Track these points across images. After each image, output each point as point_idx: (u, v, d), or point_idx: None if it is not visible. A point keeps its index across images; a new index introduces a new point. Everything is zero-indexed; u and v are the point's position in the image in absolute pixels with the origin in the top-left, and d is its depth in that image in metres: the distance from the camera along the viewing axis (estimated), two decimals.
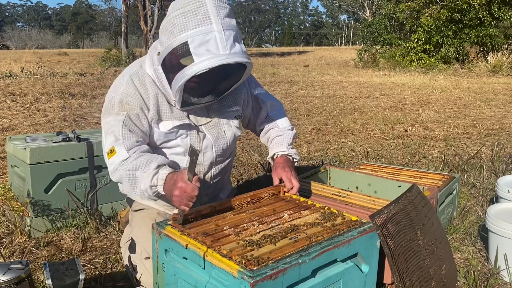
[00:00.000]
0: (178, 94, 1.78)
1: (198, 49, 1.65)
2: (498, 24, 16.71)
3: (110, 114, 1.85)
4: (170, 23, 1.72)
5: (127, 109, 1.84)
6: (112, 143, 1.79)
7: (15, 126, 5.88)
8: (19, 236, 2.51)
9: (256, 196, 1.95)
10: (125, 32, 20.72)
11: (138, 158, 1.76)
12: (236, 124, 2.10)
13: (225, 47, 1.66)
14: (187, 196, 1.57)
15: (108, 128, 1.83)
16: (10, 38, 64.58)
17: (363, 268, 1.63)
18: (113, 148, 1.78)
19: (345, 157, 4.54)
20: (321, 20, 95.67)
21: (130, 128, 1.82)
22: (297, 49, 42.61)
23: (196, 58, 1.65)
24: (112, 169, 1.79)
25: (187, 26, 1.67)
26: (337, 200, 2.17)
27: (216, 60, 1.64)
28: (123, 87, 1.87)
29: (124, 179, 1.77)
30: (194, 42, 1.66)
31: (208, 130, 2.02)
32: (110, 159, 1.80)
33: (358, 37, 31.92)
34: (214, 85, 1.91)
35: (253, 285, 1.25)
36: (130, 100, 1.85)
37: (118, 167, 1.77)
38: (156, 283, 1.69)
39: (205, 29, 1.66)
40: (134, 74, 1.90)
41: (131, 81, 1.88)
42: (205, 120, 2.01)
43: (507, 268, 2.18)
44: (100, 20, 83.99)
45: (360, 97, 9.36)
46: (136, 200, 2.12)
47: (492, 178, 3.67)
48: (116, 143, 1.79)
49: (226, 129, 2.06)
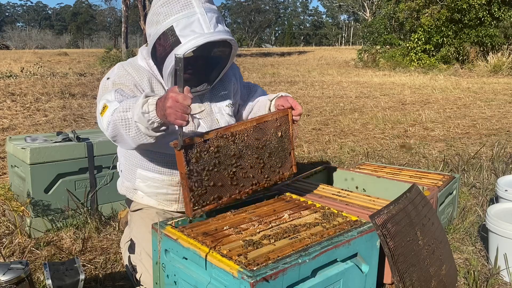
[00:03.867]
0: (169, 80, 1.83)
1: (184, 31, 1.74)
2: (498, 24, 16.71)
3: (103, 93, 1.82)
4: (155, 14, 1.82)
5: (121, 86, 1.85)
6: (105, 103, 1.73)
7: (15, 126, 5.88)
8: (19, 236, 2.51)
9: (262, 120, 1.88)
10: (125, 32, 20.72)
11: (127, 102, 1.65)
12: (228, 112, 2.12)
13: (209, 26, 1.76)
14: (180, 106, 1.48)
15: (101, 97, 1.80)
16: (10, 38, 64.58)
17: (363, 268, 1.63)
18: (105, 105, 1.72)
19: (345, 157, 4.54)
20: (321, 20, 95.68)
21: (122, 94, 1.77)
22: (297, 49, 42.60)
23: (182, 40, 1.74)
24: (106, 122, 1.70)
25: (171, 12, 1.77)
26: (337, 200, 2.17)
27: (202, 38, 1.73)
28: (115, 71, 1.92)
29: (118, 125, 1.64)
30: (179, 25, 1.75)
31: (202, 117, 2.04)
32: (103, 116, 1.72)
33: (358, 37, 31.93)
34: (204, 71, 1.95)
35: (253, 285, 1.25)
36: (123, 80, 1.88)
37: (110, 119, 1.67)
38: (156, 283, 1.69)
39: (188, 12, 1.76)
40: (126, 63, 1.96)
41: (122, 66, 1.93)
42: (199, 108, 2.04)
43: (507, 268, 2.18)
44: (100, 20, 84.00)
45: (360, 97, 9.36)
46: (135, 200, 2.12)
47: (492, 178, 3.67)
48: (108, 102, 1.72)
49: (219, 118, 2.08)
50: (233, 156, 1.76)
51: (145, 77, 1.92)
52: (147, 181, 2.03)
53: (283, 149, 1.96)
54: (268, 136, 1.89)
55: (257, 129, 1.85)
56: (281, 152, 1.95)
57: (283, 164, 1.97)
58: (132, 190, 2.10)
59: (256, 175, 1.86)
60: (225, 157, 1.74)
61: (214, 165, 1.70)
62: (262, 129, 1.87)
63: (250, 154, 1.83)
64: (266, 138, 1.89)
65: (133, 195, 2.10)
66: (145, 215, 2.04)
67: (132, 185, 2.09)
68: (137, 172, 2.05)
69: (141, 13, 21.21)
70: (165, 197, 2.05)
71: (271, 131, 1.91)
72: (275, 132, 1.92)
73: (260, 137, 1.87)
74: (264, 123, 1.88)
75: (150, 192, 2.05)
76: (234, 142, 1.77)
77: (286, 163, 1.99)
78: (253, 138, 1.84)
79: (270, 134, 1.90)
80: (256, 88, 2.33)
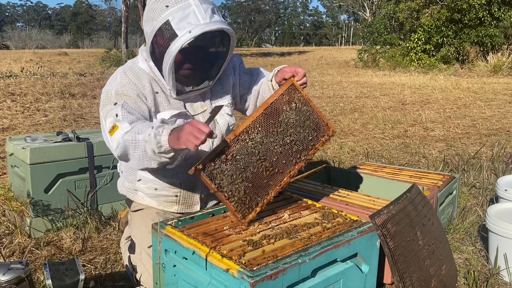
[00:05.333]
0: (170, 77, 1.81)
1: (180, 24, 1.73)
2: (498, 24, 16.71)
3: (107, 104, 1.84)
4: (150, 10, 1.81)
5: (124, 98, 1.84)
6: (113, 121, 1.76)
7: (15, 126, 5.88)
8: (19, 236, 2.51)
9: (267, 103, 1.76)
10: (125, 32, 20.73)
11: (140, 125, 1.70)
12: (228, 111, 2.10)
13: (205, 17, 1.75)
14: (197, 130, 1.48)
15: (107, 111, 1.80)
16: (10, 38, 64.55)
17: (363, 268, 1.63)
18: (115, 125, 1.74)
19: (345, 157, 4.54)
20: (321, 20, 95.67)
21: (129, 111, 1.80)
22: (297, 49, 42.61)
23: (179, 32, 1.73)
24: (116, 144, 1.72)
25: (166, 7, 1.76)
26: (337, 200, 2.17)
27: (198, 29, 1.72)
28: (118, 80, 1.90)
29: (128, 145, 1.69)
30: (175, 19, 1.74)
31: (204, 118, 2.03)
32: (113, 136, 1.73)
33: (358, 37, 31.92)
34: (204, 66, 1.94)
35: (253, 285, 1.25)
36: (126, 90, 1.86)
37: (120, 140, 1.70)
38: (156, 283, 1.69)
39: (183, 5, 1.75)
40: (127, 68, 1.94)
41: (124, 74, 1.91)
42: (201, 108, 2.02)
43: (507, 268, 2.18)
44: (100, 20, 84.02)
45: (360, 97, 9.36)
46: (135, 201, 2.12)
47: (492, 178, 3.67)
48: (117, 121, 1.75)
49: (219, 118, 2.07)
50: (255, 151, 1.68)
51: (145, 82, 1.90)
52: (148, 182, 2.03)
53: (307, 116, 1.83)
54: (283, 114, 1.78)
55: (267, 115, 1.75)
56: (307, 120, 1.83)
57: (316, 129, 1.84)
58: (133, 191, 2.10)
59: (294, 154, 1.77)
60: (247, 157, 1.66)
61: (240, 170, 1.64)
62: (272, 111, 1.76)
63: (273, 141, 1.73)
64: (282, 118, 1.77)
65: (133, 195, 2.10)
66: (146, 215, 2.04)
67: (133, 186, 2.09)
68: (137, 174, 2.05)
69: (141, 13, 21.19)
70: (165, 198, 2.05)
71: (284, 108, 1.79)
72: (288, 107, 1.80)
73: (274, 120, 1.76)
74: (271, 105, 1.77)
75: (151, 194, 2.05)
76: (250, 139, 1.68)
77: (320, 126, 1.85)
78: (268, 125, 1.74)
79: (284, 111, 1.79)
80: (258, 71, 2.25)
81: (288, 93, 1.81)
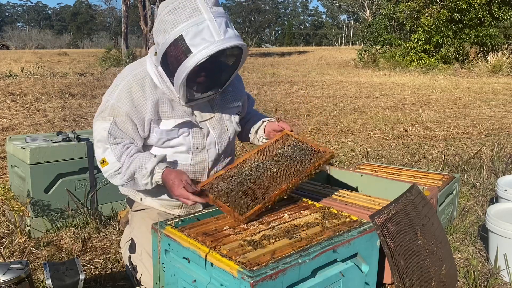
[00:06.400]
0: (181, 89, 1.81)
1: (194, 40, 1.71)
2: (498, 24, 16.72)
3: (99, 118, 1.92)
4: (162, 22, 1.78)
5: (115, 114, 1.89)
6: (102, 153, 1.89)
7: (15, 126, 5.88)
8: (19, 236, 2.51)
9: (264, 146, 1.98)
10: (125, 32, 20.72)
11: (131, 164, 1.86)
12: (237, 119, 2.12)
13: (219, 33, 1.72)
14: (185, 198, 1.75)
15: (96, 135, 1.92)
16: (10, 38, 64.51)
17: (363, 268, 1.63)
18: (104, 159, 1.89)
19: (345, 157, 4.54)
20: (321, 20, 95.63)
21: (116, 135, 1.89)
22: (297, 49, 42.59)
23: (193, 49, 1.70)
24: (108, 176, 1.92)
25: (179, 20, 1.73)
26: (337, 200, 2.17)
27: (213, 47, 1.69)
28: (118, 91, 1.90)
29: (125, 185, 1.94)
30: (189, 34, 1.71)
31: (212, 125, 2.03)
32: (104, 168, 1.91)
33: (358, 37, 31.91)
34: (215, 75, 1.93)
35: (253, 285, 1.25)
36: (120, 106, 1.88)
37: (113, 177, 1.91)
38: (156, 283, 1.69)
39: (196, 19, 1.72)
40: (133, 78, 1.91)
41: (127, 86, 1.89)
42: (209, 115, 2.02)
43: (507, 268, 2.18)
44: (100, 20, 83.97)
45: (360, 97, 9.36)
46: (137, 201, 2.12)
47: (492, 178, 3.67)
48: (105, 153, 1.88)
49: (228, 125, 2.08)
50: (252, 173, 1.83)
51: (149, 97, 1.89)
52: None
53: (302, 148, 1.95)
54: (277, 150, 1.95)
55: (262, 152, 1.93)
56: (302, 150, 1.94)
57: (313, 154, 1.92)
58: (135, 192, 2.10)
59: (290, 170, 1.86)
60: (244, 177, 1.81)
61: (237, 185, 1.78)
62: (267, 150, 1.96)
63: (268, 165, 1.87)
64: (277, 152, 1.94)
65: (135, 195, 2.10)
66: (147, 215, 2.04)
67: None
68: None
69: (141, 13, 21.20)
70: (168, 202, 2.05)
71: (279, 146, 1.96)
72: (283, 145, 1.97)
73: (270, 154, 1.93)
74: (267, 146, 1.97)
75: (154, 197, 2.05)
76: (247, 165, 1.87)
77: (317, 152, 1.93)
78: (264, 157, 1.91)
79: (278, 148, 1.95)
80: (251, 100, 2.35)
81: (282, 138, 2.00)
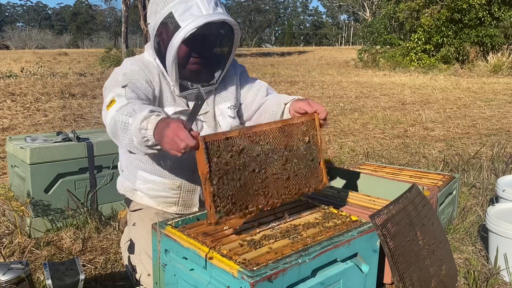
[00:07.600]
0: (173, 70, 1.81)
1: (183, 16, 1.75)
2: (498, 24, 16.72)
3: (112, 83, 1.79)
4: (154, 3, 1.83)
5: (131, 78, 1.80)
6: (113, 96, 1.68)
7: (15, 126, 5.88)
8: (19, 236, 2.51)
9: (287, 122, 1.69)
10: (125, 32, 20.73)
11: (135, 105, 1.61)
12: (230, 114, 2.08)
13: (208, 8, 1.76)
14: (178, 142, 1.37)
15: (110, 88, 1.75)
16: (10, 38, 64.52)
17: (363, 268, 1.63)
18: (113, 99, 1.67)
19: (345, 157, 4.54)
20: (321, 20, 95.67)
21: (133, 89, 1.73)
22: (297, 49, 42.60)
23: (181, 24, 1.74)
24: (110, 118, 1.62)
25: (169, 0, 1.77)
26: (337, 200, 2.17)
27: (201, 19, 1.72)
28: (128, 65, 1.90)
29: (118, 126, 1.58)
30: (178, 10, 1.75)
31: (206, 120, 2.03)
32: (109, 110, 1.64)
33: (358, 37, 31.90)
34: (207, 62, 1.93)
35: (253, 285, 1.25)
36: (134, 74, 1.84)
37: (113, 118, 1.60)
38: (156, 283, 1.69)
39: None
40: (136, 59, 1.96)
41: (134, 61, 1.92)
42: (203, 109, 2.02)
43: (507, 268, 2.18)
44: (100, 20, 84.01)
45: (360, 97, 9.36)
46: (134, 200, 2.12)
47: (492, 178, 3.67)
48: (118, 96, 1.67)
49: (220, 120, 2.06)
50: (258, 158, 1.59)
51: (155, 73, 1.91)
52: (147, 183, 2.03)
53: (312, 157, 1.76)
54: (295, 141, 1.70)
55: (283, 131, 1.67)
56: (310, 161, 1.75)
57: (312, 175, 1.77)
58: (132, 190, 2.10)
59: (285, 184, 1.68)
60: (250, 159, 1.56)
61: (238, 168, 1.53)
62: (287, 132, 1.69)
63: (276, 159, 1.64)
64: (293, 144, 1.70)
65: (132, 195, 2.10)
66: (145, 215, 2.04)
67: (132, 185, 2.08)
68: (138, 174, 2.04)
69: (141, 13, 21.21)
70: (164, 199, 2.04)
71: (298, 136, 1.72)
72: (302, 137, 1.73)
73: (286, 141, 1.68)
74: (290, 126, 1.69)
75: (150, 194, 2.04)
76: (259, 143, 1.60)
77: (316, 174, 1.78)
78: (279, 141, 1.66)
79: (296, 139, 1.71)
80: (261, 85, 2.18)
81: (307, 125, 1.74)
